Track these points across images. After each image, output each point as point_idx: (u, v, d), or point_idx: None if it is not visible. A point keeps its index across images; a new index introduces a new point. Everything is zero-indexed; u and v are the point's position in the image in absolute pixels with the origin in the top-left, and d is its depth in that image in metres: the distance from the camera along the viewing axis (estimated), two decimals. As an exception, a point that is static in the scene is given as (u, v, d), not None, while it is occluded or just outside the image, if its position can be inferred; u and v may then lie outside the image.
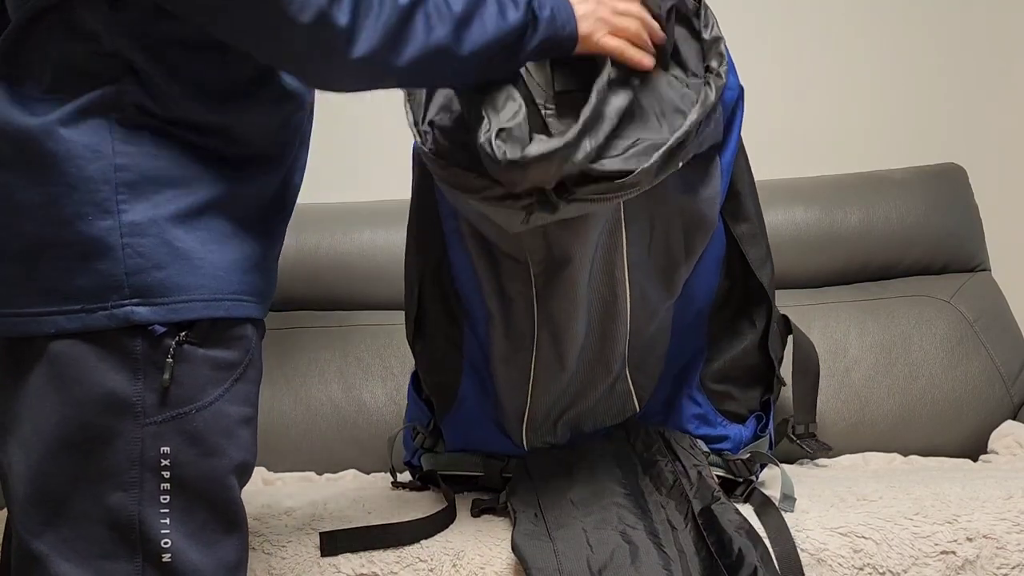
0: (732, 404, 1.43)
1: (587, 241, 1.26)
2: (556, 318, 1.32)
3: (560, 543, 1.20)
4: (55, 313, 0.97)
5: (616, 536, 1.20)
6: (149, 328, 0.97)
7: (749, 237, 1.42)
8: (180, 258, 0.98)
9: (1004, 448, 1.72)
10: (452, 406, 1.44)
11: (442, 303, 1.43)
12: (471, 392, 1.43)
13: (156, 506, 0.98)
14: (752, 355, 1.45)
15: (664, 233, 1.32)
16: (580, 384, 1.37)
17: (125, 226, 0.97)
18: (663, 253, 1.33)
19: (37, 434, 0.98)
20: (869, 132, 2.20)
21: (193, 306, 0.99)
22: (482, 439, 1.43)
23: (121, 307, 0.97)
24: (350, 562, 1.21)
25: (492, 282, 1.34)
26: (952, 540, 1.20)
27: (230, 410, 1.02)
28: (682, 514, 1.25)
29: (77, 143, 0.97)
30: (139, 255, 0.97)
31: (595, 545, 1.19)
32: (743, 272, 1.43)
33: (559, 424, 1.40)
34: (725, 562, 1.15)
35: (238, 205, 1.04)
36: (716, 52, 1.25)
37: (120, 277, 0.97)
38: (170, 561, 0.98)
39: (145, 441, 0.98)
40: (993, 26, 2.20)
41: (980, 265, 1.99)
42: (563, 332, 1.33)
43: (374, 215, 2.00)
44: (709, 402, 1.42)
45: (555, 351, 1.34)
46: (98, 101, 0.98)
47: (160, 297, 0.98)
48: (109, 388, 0.97)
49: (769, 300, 1.44)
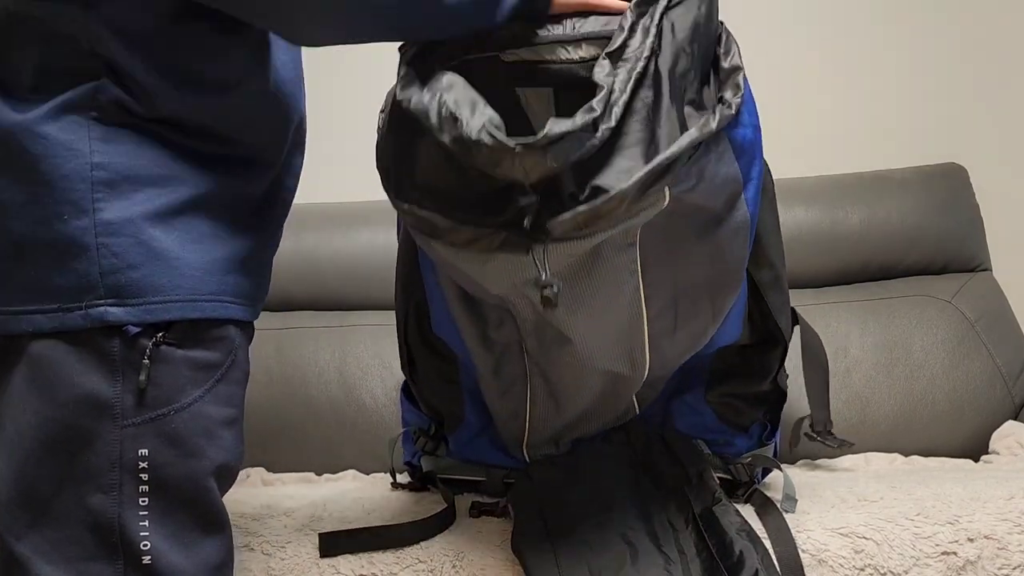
0: (735, 415, 1.41)
1: (588, 325, 1.16)
2: (553, 380, 1.27)
3: (560, 545, 1.19)
4: (34, 312, 0.97)
5: (616, 538, 1.20)
6: (123, 328, 0.97)
7: (771, 282, 1.36)
8: (156, 258, 0.98)
9: (1005, 448, 1.72)
10: (456, 428, 1.42)
11: (427, 347, 1.38)
12: (475, 417, 1.40)
13: (135, 508, 0.98)
14: (762, 387, 1.41)
15: (690, 303, 1.21)
16: (582, 416, 1.33)
17: (100, 225, 0.96)
18: (690, 322, 1.23)
19: (19, 436, 0.98)
20: (870, 132, 2.20)
21: (169, 307, 0.98)
22: (485, 455, 1.42)
23: (95, 307, 0.96)
24: (349, 563, 1.21)
25: (476, 333, 1.26)
26: (953, 541, 1.20)
27: (210, 411, 1.01)
28: (683, 515, 1.25)
29: (54, 141, 0.96)
30: (113, 255, 0.96)
31: (596, 547, 1.19)
32: (761, 316, 1.38)
33: (560, 443, 1.38)
34: (726, 564, 1.15)
35: (220, 205, 1.03)
36: (732, 83, 1.13)
37: (95, 277, 0.96)
38: (151, 563, 0.98)
39: (123, 443, 0.97)
40: (993, 26, 2.20)
41: (981, 265, 1.99)
42: (561, 392, 1.28)
43: (374, 215, 2.00)
44: (712, 412, 1.40)
45: (552, 401, 1.30)
46: (76, 99, 0.97)
47: (134, 297, 0.97)
48: (88, 389, 0.97)
49: (785, 343, 1.40)
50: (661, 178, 1.02)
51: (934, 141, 2.17)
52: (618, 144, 1.03)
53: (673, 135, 1.05)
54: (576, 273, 1.10)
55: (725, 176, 1.14)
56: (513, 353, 1.27)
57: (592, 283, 1.11)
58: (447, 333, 1.34)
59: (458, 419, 1.41)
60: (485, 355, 1.28)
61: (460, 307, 1.25)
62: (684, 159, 1.04)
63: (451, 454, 1.44)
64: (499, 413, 1.35)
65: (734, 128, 1.14)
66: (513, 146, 0.99)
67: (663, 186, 1.03)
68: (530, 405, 1.31)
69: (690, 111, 1.10)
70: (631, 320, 1.18)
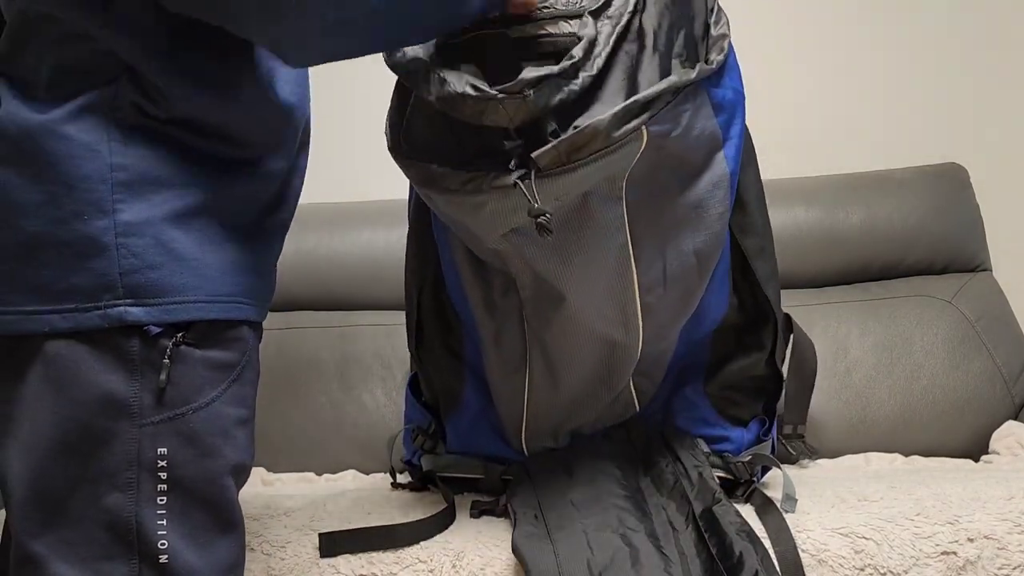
0: (734, 408, 1.42)
1: (581, 278, 1.23)
2: (551, 350, 1.31)
3: (560, 545, 1.19)
4: (49, 312, 0.96)
5: (616, 538, 1.20)
6: (144, 329, 0.97)
7: (757, 251, 1.40)
8: (175, 259, 0.98)
9: (1005, 448, 1.72)
10: (456, 409, 1.43)
11: (438, 314, 1.42)
12: (474, 397, 1.42)
13: (153, 507, 0.98)
14: (758, 369, 1.43)
15: (677, 259, 1.27)
16: (580, 401, 1.36)
17: (120, 225, 0.96)
18: (679, 281, 1.29)
19: (35, 435, 0.98)
20: (870, 132, 2.20)
21: (188, 307, 0.99)
22: (483, 444, 1.43)
23: (114, 307, 0.96)
24: (349, 563, 1.21)
25: (482, 297, 1.33)
26: (953, 541, 1.20)
27: (227, 411, 1.02)
28: (683, 515, 1.25)
29: (75, 142, 0.96)
30: (133, 255, 0.97)
31: (595, 547, 1.19)
32: (750, 287, 1.41)
33: (559, 434, 1.40)
34: (726, 564, 1.15)
35: (235, 207, 1.04)
36: (718, 47, 1.23)
37: (114, 277, 0.96)
38: (167, 562, 0.98)
39: (142, 442, 0.97)
40: (993, 26, 2.20)
41: (981, 265, 1.99)
42: (558, 363, 1.32)
43: (374, 215, 2.00)
44: (711, 405, 1.41)
45: (550, 377, 1.33)
46: (96, 100, 0.97)
47: (154, 297, 0.97)
48: (106, 389, 0.97)
49: (776, 317, 1.42)
50: (638, 116, 1.12)
51: (934, 141, 2.17)
52: (600, 93, 1.13)
53: (654, 81, 1.15)
54: (567, 224, 1.18)
55: (703, 129, 1.22)
56: (514, 323, 1.32)
57: (582, 236, 1.20)
58: (457, 298, 1.39)
59: (457, 399, 1.42)
60: (488, 321, 1.34)
61: (469, 271, 1.33)
62: (662, 103, 1.13)
63: (449, 449, 1.45)
64: (499, 391, 1.37)
65: (715, 87, 1.23)
66: (495, 94, 1.10)
67: (640, 124, 1.12)
68: (528, 381, 1.34)
69: (676, 64, 1.19)
70: (621, 275, 1.25)
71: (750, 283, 1.40)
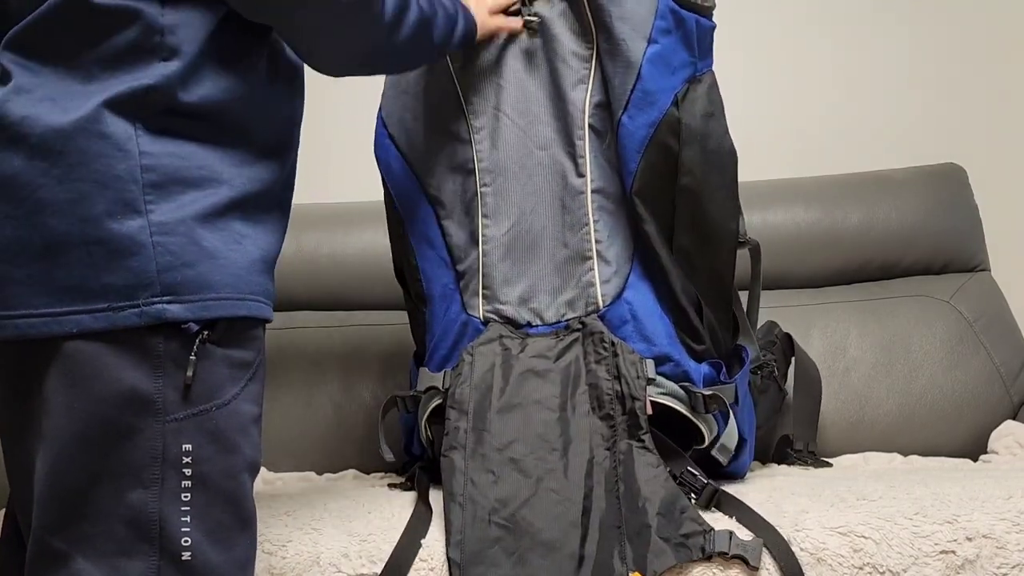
0: (692, 334, 1.40)
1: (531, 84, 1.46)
2: (501, 185, 1.46)
3: (474, 470, 1.25)
4: (79, 312, 0.96)
5: (531, 465, 1.24)
6: (183, 326, 0.98)
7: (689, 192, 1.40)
8: (208, 257, 0.99)
9: (1004, 448, 1.73)
10: (430, 302, 1.50)
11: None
12: (445, 275, 1.49)
13: (177, 503, 0.98)
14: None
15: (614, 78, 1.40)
16: (536, 244, 1.44)
17: (155, 225, 0.97)
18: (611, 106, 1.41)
19: (56, 431, 0.98)
20: (869, 132, 2.20)
21: (223, 304, 1.00)
22: (452, 332, 1.45)
23: (152, 304, 0.97)
24: (350, 563, 1.21)
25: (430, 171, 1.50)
26: (952, 540, 1.20)
27: (245, 408, 1.03)
28: (605, 444, 1.25)
29: (109, 142, 0.97)
30: (170, 252, 0.98)
31: (504, 475, 1.23)
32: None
33: (519, 298, 1.43)
34: (626, 513, 1.17)
35: (253, 206, 1.05)
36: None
37: (152, 274, 0.97)
38: (190, 559, 0.98)
39: (167, 438, 0.98)
40: (993, 26, 2.20)
41: (980, 265, 1.99)
42: (509, 199, 1.45)
43: (374, 215, 1.99)
44: (671, 322, 1.39)
45: (506, 220, 1.44)
46: (126, 100, 0.98)
47: (191, 294, 0.98)
48: (129, 384, 0.97)
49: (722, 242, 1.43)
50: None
51: (934, 141, 2.17)
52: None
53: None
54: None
55: (644, 12, 1.38)
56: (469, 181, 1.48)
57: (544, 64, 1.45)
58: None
59: (429, 284, 1.50)
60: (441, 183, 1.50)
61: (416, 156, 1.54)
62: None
63: (420, 381, 1.46)
64: (456, 241, 1.48)
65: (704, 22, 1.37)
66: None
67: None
68: (482, 218, 1.46)
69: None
70: (568, 93, 1.43)
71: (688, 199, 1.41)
